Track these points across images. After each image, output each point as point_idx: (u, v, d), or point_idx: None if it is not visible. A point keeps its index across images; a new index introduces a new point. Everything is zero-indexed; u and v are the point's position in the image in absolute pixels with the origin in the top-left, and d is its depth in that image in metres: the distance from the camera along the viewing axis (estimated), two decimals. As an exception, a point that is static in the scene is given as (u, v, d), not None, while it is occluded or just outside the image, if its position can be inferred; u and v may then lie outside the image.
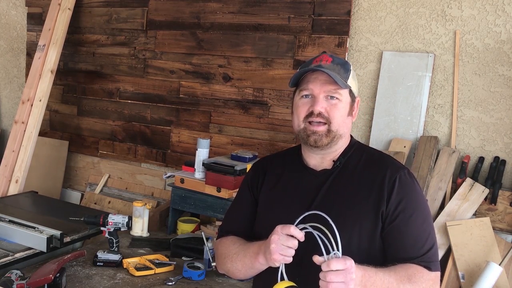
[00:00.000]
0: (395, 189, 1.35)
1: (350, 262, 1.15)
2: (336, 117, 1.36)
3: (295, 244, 1.23)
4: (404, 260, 1.33)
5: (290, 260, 1.24)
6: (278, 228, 1.25)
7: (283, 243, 1.23)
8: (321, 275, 1.16)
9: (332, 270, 1.14)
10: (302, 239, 1.22)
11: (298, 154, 1.50)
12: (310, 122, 1.37)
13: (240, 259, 1.41)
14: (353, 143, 1.48)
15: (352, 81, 1.41)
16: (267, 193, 1.50)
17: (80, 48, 3.52)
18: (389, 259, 1.36)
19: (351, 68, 1.42)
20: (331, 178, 1.42)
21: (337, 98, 1.37)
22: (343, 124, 1.39)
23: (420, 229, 1.35)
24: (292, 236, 1.22)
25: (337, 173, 1.42)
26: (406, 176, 1.38)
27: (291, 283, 1.22)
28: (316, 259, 1.17)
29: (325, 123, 1.36)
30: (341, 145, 1.44)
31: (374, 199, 1.35)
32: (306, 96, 1.39)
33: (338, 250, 1.16)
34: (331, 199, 1.39)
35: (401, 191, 1.35)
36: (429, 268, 1.32)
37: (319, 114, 1.35)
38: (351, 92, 1.41)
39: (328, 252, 1.16)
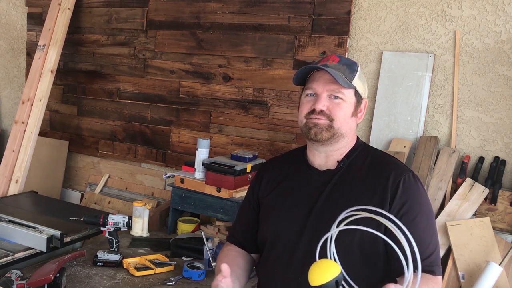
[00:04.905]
0: (398, 192, 1.34)
1: None
2: (338, 115, 1.37)
3: None
4: None
5: None
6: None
7: None
8: None
9: None
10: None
11: (303, 155, 1.51)
12: (313, 117, 1.38)
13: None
14: (358, 144, 1.48)
15: (358, 82, 1.40)
16: (272, 194, 1.51)
17: (80, 48, 3.52)
18: (393, 262, 1.35)
19: (359, 69, 1.42)
20: (335, 179, 1.42)
21: (340, 98, 1.37)
22: (346, 124, 1.39)
23: (424, 232, 1.34)
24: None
25: (341, 173, 1.42)
26: (410, 178, 1.38)
27: (339, 268, 1.13)
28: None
29: (327, 119, 1.37)
30: (344, 144, 1.44)
31: (377, 201, 1.35)
32: (311, 94, 1.40)
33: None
34: (334, 199, 1.39)
35: (404, 194, 1.34)
36: (433, 273, 1.31)
37: (321, 112, 1.37)
38: (357, 93, 1.41)
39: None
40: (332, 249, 1.20)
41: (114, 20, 3.36)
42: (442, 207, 2.42)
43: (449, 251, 2.35)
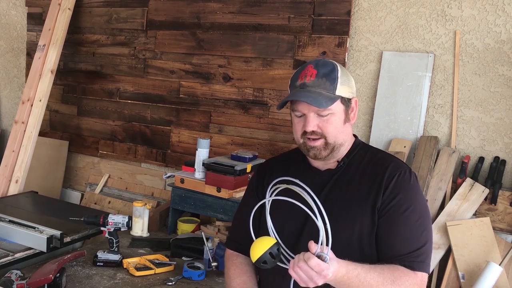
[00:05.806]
0: (391, 184, 1.36)
1: (326, 272, 1.16)
2: (330, 131, 1.37)
3: None
4: (392, 256, 1.33)
5: None
6: None
7: None
8: (297, 258, 1.19)
9: (308, 265, 1.16)
10: None
11: (303, 155, 1.51)
12: (308, 138, 1.39)
13: None
14: (357, 143, 1.49)
15: (342, 88, 1.37)
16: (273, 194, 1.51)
17: (80, 48, 3.52)
18: (379, 254, 1.36)
19: (339, 73, 1.37)
20: (335, 178, 1.43)
21: (328, 114, 1.36)
22: (340, 134, 1.40)
23: (413, 226, 1.34)
24: None
25: (341, 172, 1.44)
26: (406, 174, 1.39)
27: (274, 240, 1.24)
28: (312, 246, 1.18)
29: (321, 138, 1.38)
30: (344, 149, 1.45)
31: (372, 196, 1.37)
32: (300, 115, 1.40)
33: (328, 245, 1.16)
34: (333, 197, 1.40)
35: (397, 187, 1.36)
36: (411, 268, 1.31)
37: (313, 132, 1.37)
38: (343, 99, 1.40)
39: (323, 243, 1.17)
40: (268, 221, 1.28)
41: (114, 20, 3.36)
42: (442, 207, 2.42)
43: (449, 251, 2.35)
